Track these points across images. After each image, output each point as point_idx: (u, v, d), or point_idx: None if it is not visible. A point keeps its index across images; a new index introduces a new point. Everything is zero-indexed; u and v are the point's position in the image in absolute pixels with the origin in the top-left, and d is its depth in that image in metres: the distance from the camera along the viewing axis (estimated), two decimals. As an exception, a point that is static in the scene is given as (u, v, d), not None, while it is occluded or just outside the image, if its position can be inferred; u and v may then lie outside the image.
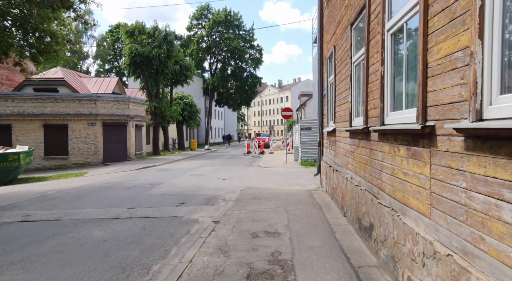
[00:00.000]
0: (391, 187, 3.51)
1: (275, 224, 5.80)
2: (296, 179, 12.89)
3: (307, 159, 18.29)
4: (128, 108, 21.80)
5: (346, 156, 6.06)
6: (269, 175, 14.38)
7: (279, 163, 19.31)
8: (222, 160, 22.99)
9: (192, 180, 12.79)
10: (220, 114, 63.45)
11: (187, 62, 30.75)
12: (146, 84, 26.92)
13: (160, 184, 11.77)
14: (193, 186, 11.21)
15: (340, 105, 6.75)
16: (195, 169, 17.34)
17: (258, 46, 49.41)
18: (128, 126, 21.81)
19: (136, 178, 13.73)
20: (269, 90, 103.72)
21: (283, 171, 15.70)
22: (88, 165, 20.13)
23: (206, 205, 8.22)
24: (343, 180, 6.20)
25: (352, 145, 5.50)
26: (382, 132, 3.75)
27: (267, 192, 9.42)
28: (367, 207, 4.39)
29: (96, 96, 20.56)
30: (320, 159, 9.71)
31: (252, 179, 12.93)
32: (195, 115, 34.75)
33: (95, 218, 6.88)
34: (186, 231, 5.86)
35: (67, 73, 25.13)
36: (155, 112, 26.98)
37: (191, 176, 14.13)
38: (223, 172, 15.80)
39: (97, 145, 20.41)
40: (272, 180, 12.70)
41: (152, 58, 25.74)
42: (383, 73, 3.77)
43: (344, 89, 6.33)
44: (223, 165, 19.31)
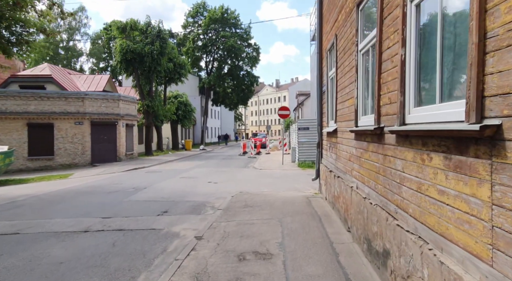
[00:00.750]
0: (416, 208, 2.64)
1: (267, 242, 4.93)
2: (293, 182, 12.02)
3: (305, 160, 17.43)
4: (118, 106, 20.85)
5: (350, 160, 5.19)
6: (265, 177, 13.51)
7: (276, 164, 18.44)
8: (217, 161, 22.10)
9: (181, 184, 11.90)
10: (216, 114, 62.53)
11: (181, 60, 29.79)
12: (138, 82, 25.96)
13: (146, 188, 10.86)
14: (181, 191, 10.31)
15: (343, 102, 5.88)
16: (187, 170, 16.44)
17: (255, 45, 48.52)
18: (118, 126, 20.86)
19: (121, 181, 12.81)
20: (267, 90, 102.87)
21: (279, 173, 14.83)
22: (75, 166, 19.17)
23: (192, 213, 7.33)
24: (346, 188, 5.33)
25: (359, 148, 4.64)
26: (403, 134, 2.88)
27: (260, 198, 8.54)
28: (380, 227, 3.52)
29: (83, 94, 19.59)
30: (319, 162, 8.85)
31: (246, 182, 12.06)
32: (190, 114, 33.81)
33: (61, 231, 5.97)
34: (162, 249, 4.97)
35: (55, 70, 24.14)
36: (147, 111, 26.03)
37: (181, 179, 13.23)
38: (216, 174, 14.90)
39: (85, 145, 19.46)
40: (267, 183, 11.83)
41: (144, 55, 24.78)
42: (403, 58, 2.89)
43: (347, 83, 5.47)
44: (217, 166, 18.42)
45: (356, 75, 4.77)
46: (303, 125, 17.64)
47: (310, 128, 17.45)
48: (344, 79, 5.81)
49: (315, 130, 17.88)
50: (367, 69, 4.47)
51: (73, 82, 24.68)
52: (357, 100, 4.73)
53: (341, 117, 5.99)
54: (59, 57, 45.99)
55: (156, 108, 26.31)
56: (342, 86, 5.97)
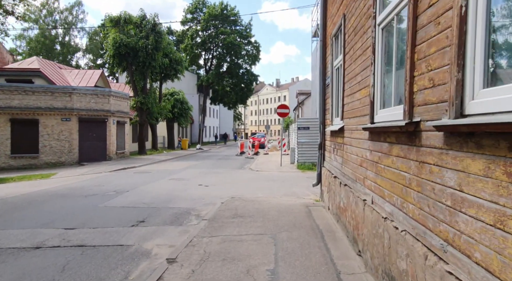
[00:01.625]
0: (492, 254, 1.58)
1: (255, 268, 3.87)
2: (291, 186, 10.97)
3: (304, 161, 16.38)
4: (108, 102, 19.78)
5: (362, 166, 4.14)
6: (261, 180, 12.46)
7: (274, 166, 17.39)
8: (212, 161, 21.04)
9: (169, 186, 10.84)
10: (215, 113, 61.48)
11: (178, 56, 28.71)
12: (131, 78, 24.88)
13: (128, 191, 9.80)
14: (167, 195, 9.25)
15: (352, 95, 4.83)
16: (179, 171, 15.38)
17: (256, 43, 47.41)
18: (108, 123, 19.80)
19: (105, 183, 11.75)
20: (267, 89, 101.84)
21: (277, 176, 13.78)
22: (61, 165, 18.11)
23: (172, 224, 6.28)
24: (357, 201, 4.28)
25: (375, 151, 3.58)
26: (463, 131, 1.82)
27: (253, 206, 7.48)
28: (413, 267, 2.46)
29: (71, 89, 18.52)
30: (321, 165, 7.80)
31: (240, 186, 11.00)
32: (186, 112, 32.73)
33: (7, 247, 4.92)
34: (123, 277, 3.92)
35: (44, 64, 23.06)
36: (141, 108, 24.96)
37: (170, 181, 12.17)
38: (209, 175, 13.85)
39: (72, 143, 18.39)
40: (263, 187, 10.77)
41: (138, 50, 23.70)
42: (464, 10, 1.84)
43: (359, 70, 4.42)
44: (212, 167, 17.36)
45: (372, 58, 3.71)
46: (303, 124, 16.59)
47: (310, 128, 16.42)
48: (354, 66, 4.76)
49: (316, 130, 16.85)
50: (389, 48, 3.42)
51: (63, 77, 23.60)
52: (373, 89, 3.67)
53: (350, 112, 4.94)
54: (54, 52, 44.90)
55: (150, 106, 25.24)
56: (351, 75, 4.92)
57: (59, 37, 46.48)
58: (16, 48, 44.08)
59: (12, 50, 41.35)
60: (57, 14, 46.20)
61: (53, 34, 45.82)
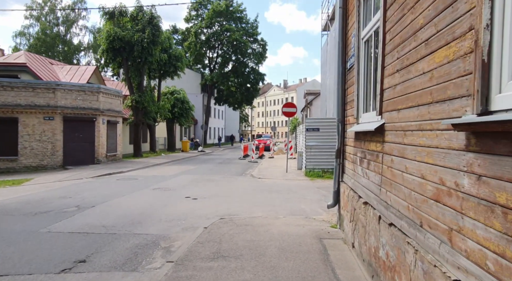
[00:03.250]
0: None
1: None
2: (298, 200, 8.90)
3: (313, 168, 14.28)
4: (97, 100, 17.96)
5: (442, 202, 2.07)
6: (262, 191, 10.42)
7: (278, 172, 15.32)
8: (211, 166, 19.06)
9: (148, 199, 8.86)
10: (220, 114, 59.61)
11: (178, 51, 26.88)
12: (126, 74, 23.07)
13: (94, 207, 7.84)
14: (140, 213, 7.27)
15: (407, 69, 2.78)
16: (169, 178, 13.42)
17: (262, 41, 45.44)
18: (97, 122, 17.97)
19: (75, 193, 9.82)
20: (274, 90, 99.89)
21: (281, 185, 11.72)
22: (43, 168, 16.31)
23: (122, 268, 4.27)
24: (428, 269, 2.20)
25: (494, 177, 1.51)
26: None
27: (246, 236, 5.44)
28: None
29: (55, 84, 16.73)
30: (339, 179, 5.72)
31: (235, 199, 8.98)
32: (187, 112, 30.79)
33: None
34: None
35: (32, 59, 21.39)
36: (136, 107, 23.13)
37: (153, 191, 10.20)
38: (202, 184, 11.85)
39: (56, 144, 16.59)
40: (264, 201, 8.73)
41: (134, 44, 21.88)
42: None
43: (428, 18, 2.36)
44: (208, 173, 15.37)
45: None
46: (312, 125, 14.50)
47: (321, 130, 14.32)
48: (410, 19, 2.69)
49: (328, 132, 14.71)
50: None
51: (53, 73, 21.91)
52: (488, 34, 1.61)
53: (401, 100, 2.87)
54: (55, 50, 43.54)
55: (147, 104, 23.39)
56: (404, 37, 2.85)
57: (61, 34, 45.14)
58: (16, 46, 42.86)
59: (14, 50, 40.11)
60: (59, 11, 44.90)
61: (55, 32, 44.51)
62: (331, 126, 14.17)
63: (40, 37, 43.06)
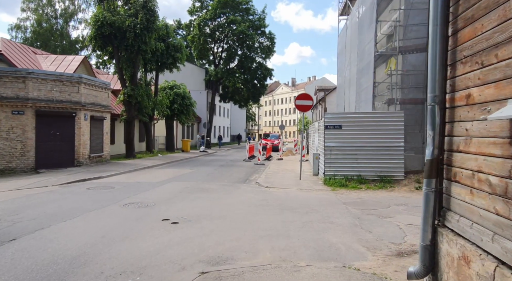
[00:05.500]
0: None
1: None
2: (323, 227, 6.12)
3: (334, 175, 11.48)
4: (78, 92, 15.40)
5: None
6: (270, 208, 7.67)
7: (290, 179, 12.56)
8: (210, 169, 16.36)
9: (107, 225, 6.17)
10: (226, 112, 57.00)
11: (177, 41, 24.27)
12: (118, 65, 20.49)
13: (14, 241, 5.16)
14: (75, 257, 4.55)
15: None
16: (154, 186, 10.75)
17: (270, 34, 42.55)
18: (78, 118, 15.41)
19: (10, 212, 7.15)
20: (282, 89, 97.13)
21: (296, 198, 8.95)
22: (11, 172, 13.78)
23: None
24: None
25: None
26: None
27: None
28: None
29: (25, 72, 14.18)
30: (435, 221, 2.89)
31: (232, 223, 6.24)
32: (188, 108, 28.13)
33: None
34: None
35: (10, 46, 18.94)
36: (129, 102, 20.55)
37: (122, 210, 7.50)
38: (193, 196, 9.15)
39: (26, 143, 14.05)
40: (274, 227, 5.98)
41: (125, 30, 19.30)
42: None
43: None
44: (205, 179, 12.67)
45: None
46: (332, 122, 11.67)
47: (343, 127, 11.51)
48: None
49: (353, 130, 11.61)
50: None
51: (35, 63, 19.44)
52: None
53: None
54: (51, 44, 41.34)
55: (140, 99, 20.78)
56: None
57: (58, 27, 42.94)
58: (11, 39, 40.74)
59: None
60: (57, 2, 42.74)
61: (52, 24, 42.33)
62: (356, 122, 11.38)
63: (36, 30, 40.91)
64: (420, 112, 11.96)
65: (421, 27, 12.10)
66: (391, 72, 11.94)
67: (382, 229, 6.15)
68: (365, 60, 13.79)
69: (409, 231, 6.04)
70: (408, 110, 11.59)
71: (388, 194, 9.71)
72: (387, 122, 11.20)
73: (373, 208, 7.93)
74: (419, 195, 9.57)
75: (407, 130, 11.09)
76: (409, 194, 9.79)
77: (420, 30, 12.14)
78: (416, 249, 5.12)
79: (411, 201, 8.73)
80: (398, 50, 11.49)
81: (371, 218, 6.94)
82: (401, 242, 5.44)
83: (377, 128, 11.22)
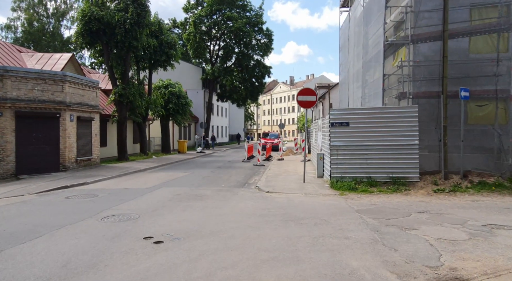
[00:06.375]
0: None
1: None
2: (338, 244, 5.02)
3: (342, 177, 10.42)
4: (62, 91, 14.28)
5: None
6: (273, 219, 6.59)
7: (293, 182, 11.48)
8: (206, 172, 15.26)
9: (75, 247, 5.06)
10: (224, 111, 55.86)
11: (170, 37, 23.14)
12: (107, 62, 19.35)
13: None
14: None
15: None
16: (142, 193, 9.65)
17: (268, 31, 41.45)
18: (62, 119, 14.28)
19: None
20: (280, 87, 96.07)
21: (301, 206, 7.87)
22: (-11, 179, 12.67)
23: None
24: None
25: None
26: None
27: None
28: None
29: (2, 70, 13.04)
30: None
31: (228, 242, 5.16)
32: (184, 108, 26.99)
33: None
34: None
35: (-9, 44, 17.82)
36: (120, 101, 19.42)
37: (99, 225, 6.41)
38: (183, 205, 8.05)
39: (6, 147, 12.93)
40: (279, 246, 4.90)
41: (115, 26, 18.17)
42: None
43: None
44: (199, 184, 11.58)
45: None
46: (339, 118, 10.61)
47: (351, 124, 10.46)
48: None
49: (362, 127, 10.31)
50: None
51: (19, 61, 18.28)
52: None
53: None
54: (42, 44, 40.11)
55: (132, 98, 19.66)
56: None
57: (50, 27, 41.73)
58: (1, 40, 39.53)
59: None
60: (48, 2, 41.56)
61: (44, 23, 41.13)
62: (365, 119, 10.33)
63: (27, 30, 39.71)
64: (434, 107, 10.88)
65: (434, 13, 11.04)
66: (402, 63, 10.86)
67: (410, 246, 5.08)
68: (373, 52, 12.72)
69: (442, 248, 4.97)
70: (420, 105, 10.51)
71: (405, 199, 8.64)
72: (399, 118, 10.13)
73: (392, 216, 6.86)
74: (439, 199, 8.51)
75: (420, 127, 10.03)
76: (427, 198, 8.72)
77: (433, 17, 11.07)
78: (460, 274, 4.06)
79: (433, 207, 7.66)
80: (410, 38, 10.39)
81: (392, 231, 5.87)
82: (438, 265, 4.37)
83: (389, 125, 10.15)
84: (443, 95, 9.90)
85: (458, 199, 8.52)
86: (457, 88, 10.32)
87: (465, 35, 10.67)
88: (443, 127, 9.95)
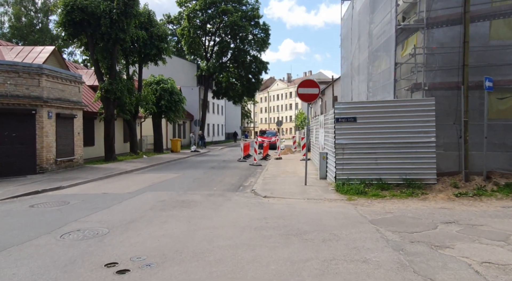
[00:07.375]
0: None
1: None
2: (355, 270, 3.82)
3: (348, 179, 9.22)
4: (38, 85, 12.98)
5: None
6: (272, 233, 5.36)
7: (293, 184, 10.26)
8: (198, 173, 14.03)
9: None
10: (220, 109, 54.57)
11: (162, 30, 21.82)
12: (92, 56, 18.02)
13: None
14: None
15: None
16: (121, 200, 8.41)
17: (264, 25, 40.15)
18: (39, 116, 12.99)
19: None
20: (277, 84, 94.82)
21: (304, 214, 6.66)
22: (-45, 183, 11.37)
23: None
24: None
25: None
26: None
27: None
28: None
29: (-31, 62, 11.76)
30: None
31: (213, 272, 3.88)
32: (177, 105, 25.69)
33: None
34: None
35: (-35, 36, 16.43)
36: (107, 97, 18.12)
37: (53, 245, 5.16)
38: (165, 215, 6.82)
39: (-26, 148, 11.65)
40: (278, 274, 3.70)
41: (100, 16, 16.85)
42: None
43: None
44: (188, 188, 10.33)
45: None
46: (345, 113, 9.41)
47: (359, 120, 9.26)
48: None
49: (371, 122, 8.54)
50: None
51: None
52: None
53: None
54: (29, 39, 38.58)
55: (120, 94, 18.36)
56: None
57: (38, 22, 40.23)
58: (-12, 35, 38.03)
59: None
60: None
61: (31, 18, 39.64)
62: (375, 113, 9.16)
63: (14, 25, 38.21)
64: (450, 99, 9.70)
65: (451, -6, 9.83)
66: (416, 50, 9.66)
67: (450, 276, 3.88)
68: (380, 40, 11.52)
69: (493, 278, 3.79)
70: (435, 98, 9.33)
71: (423, 205, 7.46)
72: (414, 112, 8.94)
73: (415, 229, 5.67)
74: (463, 206, 7.33)
75: (437, 122, 8.85)
76: (449, 204, 7.55)
77: (450, -1, 9.86)
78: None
79: (460, 216, 6.48)
80: (426, 22, 9.19)
81: (421, 250, 4.68)
82: (498, 308, 3.18)
83: (401, 120, 8.97)
84: (463, 85, 8.72)
85: (486, 205, 7.35)
86: (475, 79, 9.16)
87: (485, 18, 9.48)
88: (464, 122, 8.78)
